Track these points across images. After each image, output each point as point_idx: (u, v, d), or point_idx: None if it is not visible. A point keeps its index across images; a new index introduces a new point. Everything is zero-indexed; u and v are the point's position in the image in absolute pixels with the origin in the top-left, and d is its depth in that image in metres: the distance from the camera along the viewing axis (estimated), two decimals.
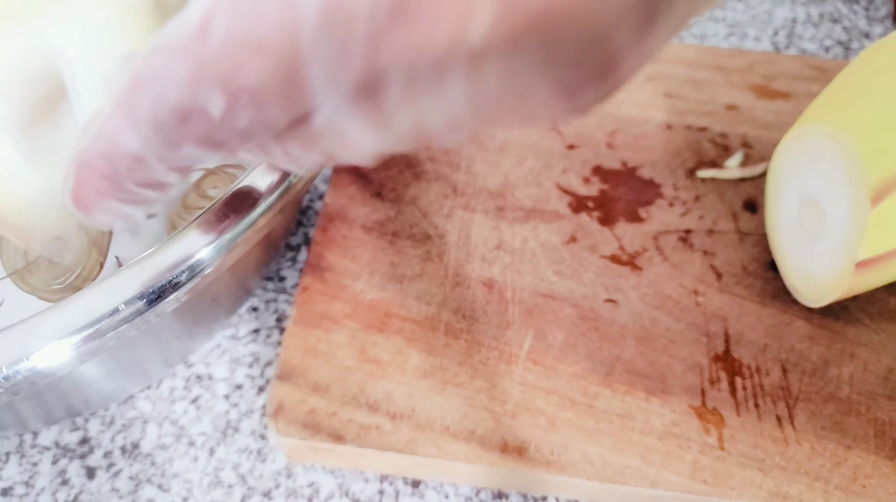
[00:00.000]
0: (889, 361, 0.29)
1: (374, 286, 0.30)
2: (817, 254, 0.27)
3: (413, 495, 0.28)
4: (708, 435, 0.27)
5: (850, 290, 0.26)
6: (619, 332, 0.29)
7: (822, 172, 0.27)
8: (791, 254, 0.29)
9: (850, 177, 0.25)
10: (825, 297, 0.27)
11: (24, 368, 0.19)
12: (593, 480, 0.26)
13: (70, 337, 0.20)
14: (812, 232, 0.28)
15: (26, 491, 0.28)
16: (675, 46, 0.39)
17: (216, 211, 0.22)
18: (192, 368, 0.31)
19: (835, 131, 0.26)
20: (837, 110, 0.26)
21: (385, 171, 0.34)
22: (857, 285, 0.26)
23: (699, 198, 0.33)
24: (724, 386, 0.28)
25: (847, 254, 0.25)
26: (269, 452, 0.29)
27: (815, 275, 0.28)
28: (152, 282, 0.21)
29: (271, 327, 0.32)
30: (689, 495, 0.25)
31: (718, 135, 0.36)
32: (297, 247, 0.35)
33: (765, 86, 0.37)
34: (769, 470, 0.26)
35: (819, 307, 0.28)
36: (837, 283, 0.26)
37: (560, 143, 0.35)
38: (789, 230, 0.29)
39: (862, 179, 0.24)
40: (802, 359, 0.28)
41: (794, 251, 0.29)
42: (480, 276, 0.31)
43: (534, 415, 0.27)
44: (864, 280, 0.26)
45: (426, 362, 0.28)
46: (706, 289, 0.30)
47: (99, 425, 0.29)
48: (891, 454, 0.26)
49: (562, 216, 0.33)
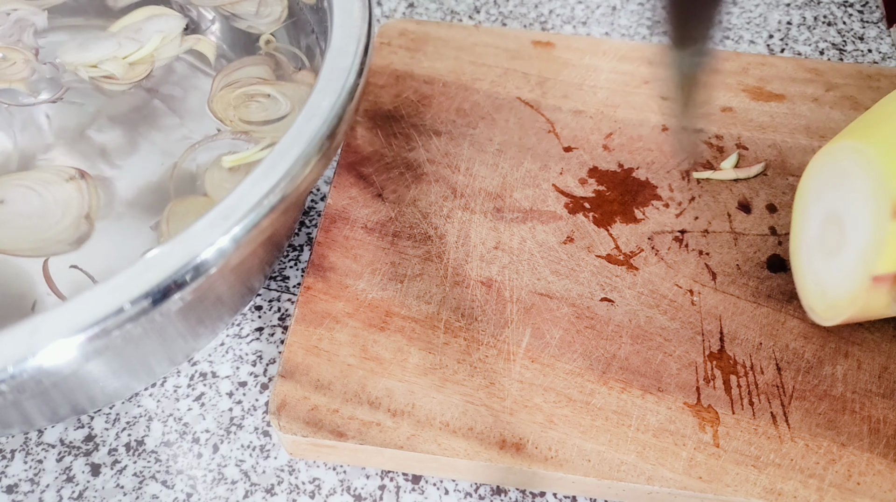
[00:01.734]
0: (883, 359, 0.29)
1: (375, 285, 0.31)
2: (835, 270, 0.27)
3: (413, 491, 0.28)
4: (703, 432, 0.27)
5: (862, 310, 0.26)
6: (616, 331, 0.29)
7: (847, 188, 0.26)
8: (809, 274, 0.29)
9: (873, 189, 0.25)
10: (840, 314, 0.27)
11: (30, 366, 0.20)
12: (590, 476, 0.26)
13: (75, 335, 0.20)
14: (832, 248, 0.27)
15: (31, 488, 0.28)
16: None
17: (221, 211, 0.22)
18: (196, 366, 0.31)
19: (862, 146, 0.25)
20: (868, 128, 0.26)
21: (386, 173, 0.34)
22: (870, 304, 0.26)
23: (694, 199, 0.34)
24: (719, 383, 0.28)
25: (865, 268, 0.25)
26: (271, 449, 0.29)
27: (831, 292, 0.27)
28: (157, 282, 0.21)
29: (274, 326, 0.32)
30: (685, 491, 0.26)
31: (714, 136, 0.36)
32: (299, 247, 0.35)
33: (759, 88, 0.38)
34: (764, 467, 0.26)
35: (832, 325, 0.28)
36: (853, 299, 0.26)
37: (557, 145, 0.36)
38: (809, 250, 0.29)
39: (884, 191, 0.24)
40: (797, 357, 0.29)
41: (812, 270, 0.29)
42: (479, 276, 0.31)
43: (531, 412, 0.27)
44: (878, 299, 0.25)
45: (426, 360, 0.29)
46: (701, 289, 0.31)
47: (104, 423, 0.30)
48: (885, 451, 0.27)
49: (559, 217, 0.33)
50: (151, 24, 0.36)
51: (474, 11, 0.46)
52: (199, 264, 0.21)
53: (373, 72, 0.38)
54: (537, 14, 0.46)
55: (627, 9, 0.47)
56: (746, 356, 0.29)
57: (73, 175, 0.31)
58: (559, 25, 0.46)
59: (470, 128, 0.36)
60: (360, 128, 0.36)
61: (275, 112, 0.33)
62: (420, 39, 0.40)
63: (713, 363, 0.29)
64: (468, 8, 0.47)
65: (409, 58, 0.39)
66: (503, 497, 0.28)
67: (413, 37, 0.40)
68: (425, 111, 0.37)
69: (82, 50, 0.35)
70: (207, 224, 0.22)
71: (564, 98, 0.37)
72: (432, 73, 0.38)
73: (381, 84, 0.38)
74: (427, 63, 0.39)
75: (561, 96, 0.37)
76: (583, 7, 0.47)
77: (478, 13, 0.46)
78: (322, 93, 0.26)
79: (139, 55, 0.35)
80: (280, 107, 0.33)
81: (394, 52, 0.39)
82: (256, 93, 0.34)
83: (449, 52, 0.39)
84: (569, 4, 0.47)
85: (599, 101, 0.37)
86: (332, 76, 0.26)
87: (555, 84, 0.38)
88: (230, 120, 0.33)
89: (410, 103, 0.37)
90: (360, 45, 0.27)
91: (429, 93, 0.37)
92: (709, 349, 0.29)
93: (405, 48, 0.39)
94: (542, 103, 0.37)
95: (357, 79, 0.26)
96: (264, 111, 0.33)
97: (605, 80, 0.38)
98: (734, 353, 0.29)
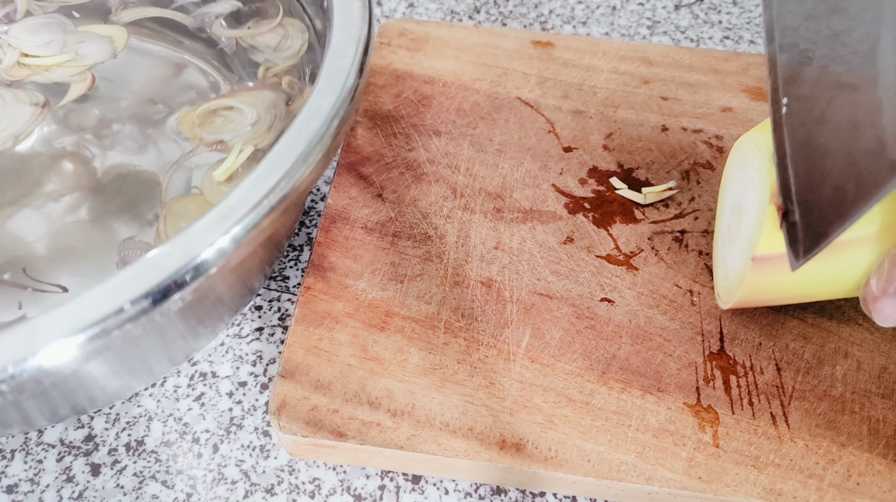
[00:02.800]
0: (882, 360, 0.29)
1: (375, 286, 0.31)
2: (734, 256, 0.28)
3: (413, 491, 0.28)
4: (703, 432, 0.27)
5: (750, 291, 0.27)
6: (615, 331, 0.29)
7: (745, 177, 0.28)
8: (719, 262, 0.30)
9: (760, 176, 0.26)
10: (731, 296, 0.28)
11: (30, 366, 0.20)
12: (590, 476, 0.26)
13: (75, 335, 0.20)
14: (733, 235, 0.28)
15: (31, 489, 0.28)
16: (671, 49, 0.40)
17: (221, 211, 0.22)
18: (196, 366, 0.31)
19: (758, 135, 0.27)
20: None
21: (386, 173, 0.34)
22: (755, 286, 0.26)
23: (694, 200, 0.34)
24: (718, 384, 0.28)
25: (749, 251, 0.26)
26: (271, 449, 0.29)
27: (730, 276, 0.28)
28: (157, 282, 0.21)
29: (274, 326, 0.32)
30: (685, 491, 0.26)
31: (713, 136, 0.36)
32: (299, 247, 0.35)
33: (759, 88, 0.38)
34: (764, 467, 0.26)
35: (728, 308, 0.29)
36: (741, 281, 0.27)
37: (557, 146, 0.36)
38: (721, 240, 0.30)
39: (768, 177, 0.25)
40: (796, 357, 0.29)
41: (720, 258, 0.30)
42: (479, 276, 0.31)
43: (531, 412, 0.27)
44: (762, 280, 0.26)
45: (426, 360, 0.29)
46: (701, 289, 0.31)
47: (104, 423, 0.30)
48: (884, 452, 0.27)
49: (559, 217, 0.33)
50: (87, 45, 0.36)
51: (474, 11, 0.46)
52: (199, 264, 0.21)
53: (373, 72, 0.38)
54: (537, 14, 0.46)
55: (627, 9, 0.47)
56: (746, 356, 0.29)
57: (38, 101, 0.32)
58: (559, 25, 0.46)
59: (470, 129, 0.36)
60: (360, 128, 0.36)
61: (241, 123, 0.33)
62: (420, 39, 0.40)
63: (713, 363, 0.29)
64: (468, 8, 0.47)
65: (409, 58, 0.39)
66: (503, 497, 0.28)
67: (413, 37, 0.40)
68: (425, 111, 0.37)
69: (30, 34, 0.35)
70: (207, 224, 0.22)
71: (564, 98, 0.37)
72: (432, 73, 0.38)
73: (381, 84, 0.38)
74: (427, 63, 0.39)
75: (561, 96, 0.37)
76: (583, 7, 0.47)
77: (478, 13, 0.46)
78: (322, 93, 0.26)
79: (48, 61, 0.35)
80: (246, 116, 0.33)
81: (394, 52, 0.39)
82: (218, 107, 0.34)
83: (449, 52, 0.39)
84: (569, 4, 0.47)
85: (599, 101, 0.37)
86: (332, 76, 0.26)
87: (555, 84, 0.38)
88: (199, 138, 0.33)
89: (410, 103, 0.37)
90: (360, 45, 0.27)
91: (429, 93, 0.37)
92: (708, 349, 0.29)
93: (405, 48, 0.39)
94: (542, 103, 0.37)
95: (357, 79, 0.26)
96: (231, 124, 0.33)
97: (604, 80, 0.38)
98: (734, 353, 0.29)
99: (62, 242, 0.31)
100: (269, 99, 0.33)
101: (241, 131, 0.33)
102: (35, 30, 0.36)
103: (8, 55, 0.35)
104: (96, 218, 0.32)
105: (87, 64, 0.35)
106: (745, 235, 0.27)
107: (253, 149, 0.31)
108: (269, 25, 0.36)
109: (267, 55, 0.36)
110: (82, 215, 0.32)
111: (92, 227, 0.31)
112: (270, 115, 0.33)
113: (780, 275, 0.26)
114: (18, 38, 0.35)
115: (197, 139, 0.33)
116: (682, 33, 0.45)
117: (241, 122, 0.33)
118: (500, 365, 0.28)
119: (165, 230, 0.30)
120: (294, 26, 0.36)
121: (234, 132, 0.33)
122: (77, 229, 0.31)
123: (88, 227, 0.31)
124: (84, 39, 0.36)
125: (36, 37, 0.35)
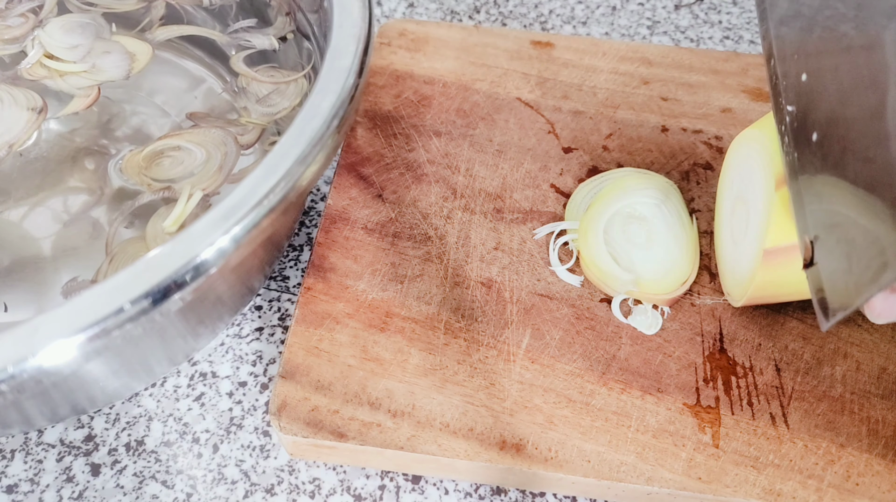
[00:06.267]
0: (881, 361, 0.29)
1: (376, 286, 0.31)
2: (742, 252, 0.28)
3: (413, 491, 0.28)
4: (703, 432, 0.27)
5: (761, 286, 0.27)
6: (615, 331, 0.29)
7: (746, 173, 0.28)
8: (725, 260, 0.30)
9: (763, 169, 0.26)
10: (744, 292, 0.28)
11: (30, 366, 0.20)
12: (590, 477, 0.26)
13: (75, 335, 0.20)
14: (739, 232, 0.28)
15: (31, 488, 0.28)
16: (671, 49, 0.40)
17: (221, 211, 0.22)
18: (196, 366, 0.31)
19: (757, 132, 0.27)
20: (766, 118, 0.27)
21: (386, 174, 0.34)
22: (768, 280, 0.26)
23: (693, 201, 0.34)
24: (718, 384, 0.28)
25: (759, 245, 0.26)
26: (271, 449, 0.29)
27: (739, 273, 0.28)
28: (157, 282, 0.21)
29: (274, 326, 0.32)
30: (684, 492, 0.26)
31: (713, 137, 0.36)
32: (300, 247, 0.35)
33: (759, 88, 0.38)
34: (763, 467, 0.26)
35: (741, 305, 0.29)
36: (752, 276, 0.27)
37: (557, 146, 0.36)
38: (724, 239, 0.30)
39: (772, 168, 0.25)
40: (796, 358, 0.29)
41: (725, 255, 0.30)
42: (479, 277, 0.31)
43: (531, 413, 0.27)
44: (773, 274, 0.26)
45: (426, 361, 0.29)
46: (700, 289, 0.31)
47: (104, 423, 0.30)
48: (883, 452, 0.27)
49: (559, 217, 0.33)
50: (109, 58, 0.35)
51: (474, 11, 0.46)
52: (199, 264, 0.21)
53: (373, 72, 0.38)
54: (537, 14, 0.46)
55: (627, 9, 0.47)
56: (746, 357, 0.29)
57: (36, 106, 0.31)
58: (559, 25, 0.46)
59: (470, 129, 0.36)
60: (360, 129, 0.36)
61: (190, 163, 0.31)
62: (420, 39, 0.40)
63: (713, 364, 0.29)
64: (468, 8, 0.47)
65: (409, 58, 0.39)
66: (503, 497, 0.28)
67: (413, 37, 0.40)
68: (425, 111, 0.37)
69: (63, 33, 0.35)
70: (207, 224, 0.22)
71: (564, 99, 0.37)
72: (432, 74, 0.38)
73: (381, 84, 0.38)
74: (427, 63, 0.39)
75: (561, 97, 0.37)
76: (583, 7, 0.47)
77: (478, 13, 0.46)
78: (322, 93, 0.26)
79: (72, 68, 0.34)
80: (195, 156, 0.32)
81: (394, 52, 0.39)
82: (165, 147, 0.32)
83: (449, 52, 0.39)
84: (569, 4, 0.47)
85: (599, 101, 0.37)
86: (332, 76, 0.26)
87: (554, 84, 0.38)
88: (146, 183, 0.31)
89: (410, 104, 0.37)
90: (360, 45, 0.27)
91: (429, 93, 0.37)
92: (708, 350, 0.29)
93: (405, 48, 0.39)
94: (542, 104, 0.37)
95: (357, 79, 0.26)
96: (179, 165, 0.32)
97: (604, 81, 0.38)
98: (734, 354, 0.29)
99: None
100: (218, 137, 0.32)
101: (190, 172, 0.31)
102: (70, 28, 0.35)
103: (34, 51, 0.34)
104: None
105: (98, 79, 0.34)
106: (753, 231, 0.27)
107: (202, 195, 0.30)
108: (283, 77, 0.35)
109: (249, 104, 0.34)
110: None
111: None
112: (220, 154, 0.31)
113: (792, 266, 0.25)
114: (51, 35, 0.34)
115: (144, 184, 0.31)
116: (682, 33, 0.46)
117: (190, 163, 0.31)
118: (501, 365, 0.28)
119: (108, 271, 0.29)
120: (294, 87, 0.35)
121: (183, 173, 0.31)
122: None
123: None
124: (109, 50, 0.35)
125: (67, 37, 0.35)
